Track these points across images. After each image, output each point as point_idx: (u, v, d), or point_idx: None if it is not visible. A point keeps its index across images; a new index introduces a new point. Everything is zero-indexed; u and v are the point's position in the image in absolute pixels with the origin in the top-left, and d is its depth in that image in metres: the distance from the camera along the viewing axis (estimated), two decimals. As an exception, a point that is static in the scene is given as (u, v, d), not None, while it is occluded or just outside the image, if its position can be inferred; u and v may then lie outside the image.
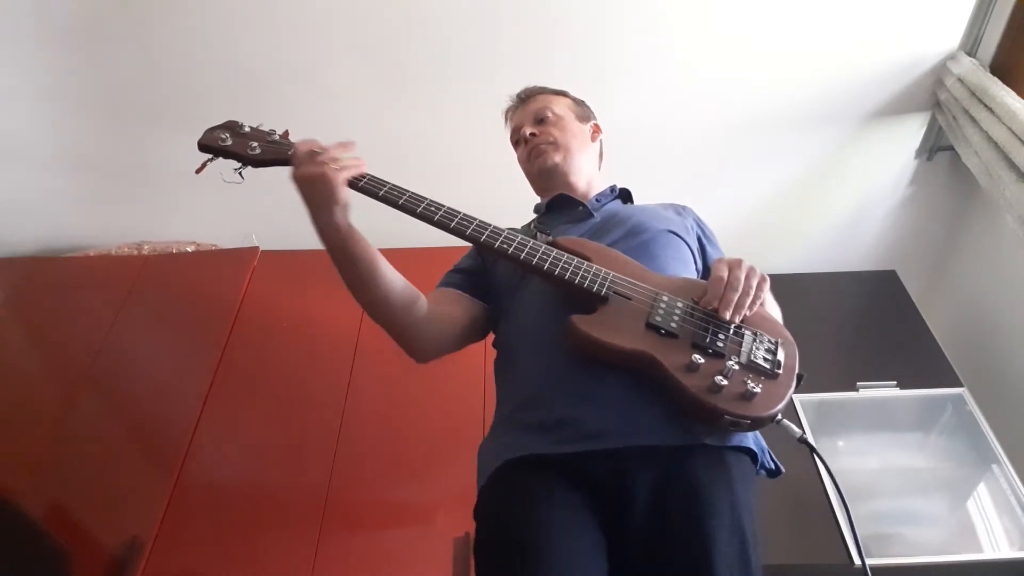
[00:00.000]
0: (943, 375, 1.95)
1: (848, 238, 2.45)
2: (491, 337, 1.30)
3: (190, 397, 1.86)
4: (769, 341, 1.07)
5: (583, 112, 1.47)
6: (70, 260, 2.33)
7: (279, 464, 1.77)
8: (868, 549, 1.61)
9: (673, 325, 1.06)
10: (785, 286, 1.28)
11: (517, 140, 1.45)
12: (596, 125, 1.49)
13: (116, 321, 2.03)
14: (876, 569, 1.51)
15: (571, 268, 1.10)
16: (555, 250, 1.13)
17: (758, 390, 0.99)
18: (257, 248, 2.30)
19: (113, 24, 2.03)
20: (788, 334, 1.11)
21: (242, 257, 2.26)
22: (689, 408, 1.01)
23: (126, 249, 2.37)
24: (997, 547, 1.63)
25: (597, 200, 1.36)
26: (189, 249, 2.38)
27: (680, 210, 1.37)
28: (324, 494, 1.68)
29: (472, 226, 1.12)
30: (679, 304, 1.09)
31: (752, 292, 1.07)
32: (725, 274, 1.08)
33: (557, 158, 1.36)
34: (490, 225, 1.13)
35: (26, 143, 2.24)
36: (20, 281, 2.23)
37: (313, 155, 1.07)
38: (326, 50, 2.07)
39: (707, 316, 1.08)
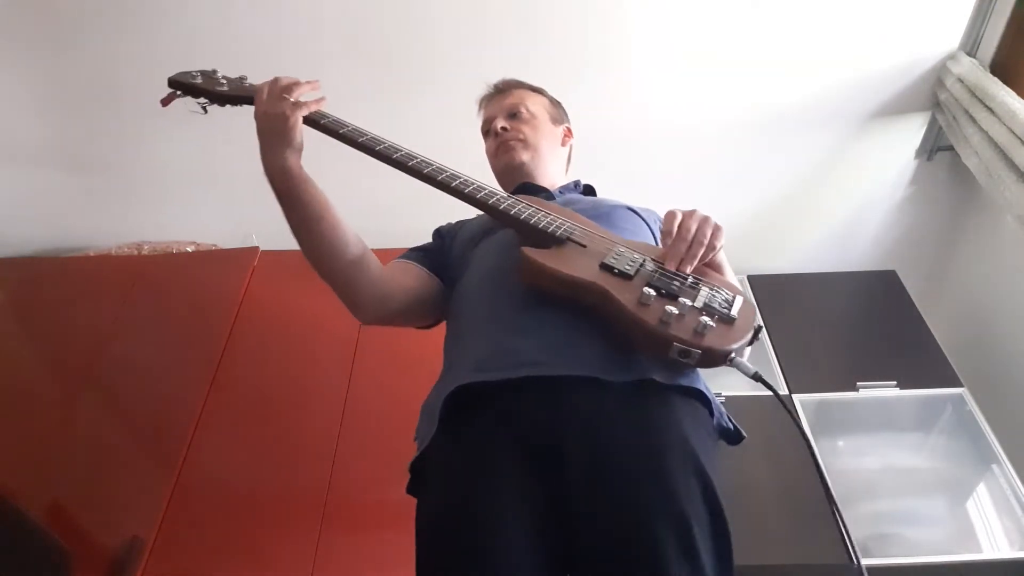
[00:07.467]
0: (943, 375, 1.95)
1: (848, 238, 2.45)
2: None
3: (190, 397, 1.86)
4: (727, 293, 1.02)
5: (557, 114, 1.46)
6: (70, 260, 2.33)
7: (279, 464, 1.77)
8: (868, 549, 1.61)
9: (627, 268, 1.01)
10: (785, 286, 1.28)
11: (488, 131, 1.43)
12: (568, 129, 1.47)
13: (116, 321, 2.03)
14: (876, 569, 1.51)
15: (528, 211, 1.10)
16: (514, 197, 1.14)
17: (712, 325, 0.93)
18: (257, 248, 2.30)
19: (113, 23, 2.02)
20: (749, 296, 1.06)
21: (242, 257, 2.25)
22: (636, 339, 0.96)
23: (126, 249, 2.37)
24: (997, 547, 1.63)
25: (561, 192, 1.35)
26: (189, 249, 2.38)
27: (643, 208, 1.35)
28: (324, 494, 1.68)
29: (431, 167, 1.12)
30: (635, 255, 1.05)
31: (705, 241, 1.03)
32: (675, 225, 1.04)
33: (525, 156, 1.35)
34: (448, 168, 1.13)
35: (26, 143, 2.24)
36: (20, 281, 2.23)
37: (276, 94, 1.07)
38: (325, 50, 2.07)
39: (664, 269, 1.03)
